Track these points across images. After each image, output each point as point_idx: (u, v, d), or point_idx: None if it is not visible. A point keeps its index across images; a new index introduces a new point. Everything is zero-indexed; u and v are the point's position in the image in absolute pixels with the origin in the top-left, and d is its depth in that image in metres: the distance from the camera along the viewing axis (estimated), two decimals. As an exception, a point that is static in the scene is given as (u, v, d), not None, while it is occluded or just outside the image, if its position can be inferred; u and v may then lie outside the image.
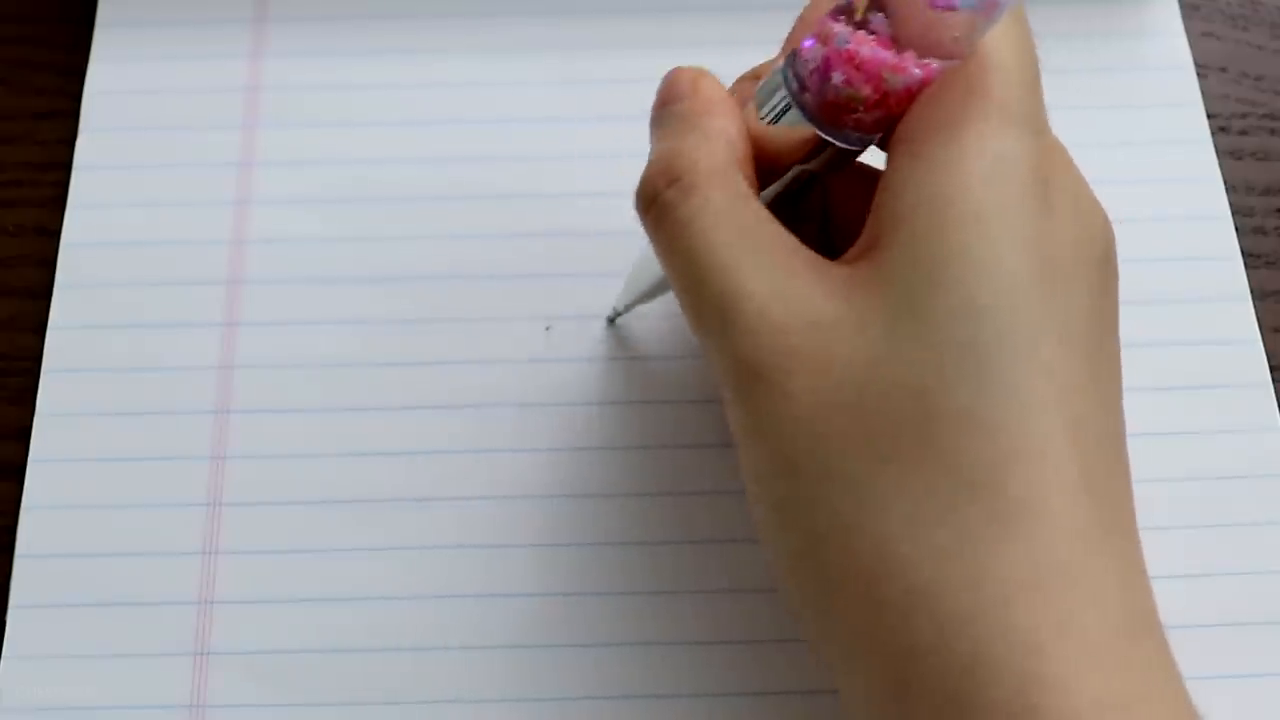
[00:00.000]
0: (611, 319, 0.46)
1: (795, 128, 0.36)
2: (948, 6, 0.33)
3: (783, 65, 0.36)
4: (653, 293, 0.43)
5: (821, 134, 0.35)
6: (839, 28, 0.34)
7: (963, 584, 0.31)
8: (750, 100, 0.37)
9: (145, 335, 0.46)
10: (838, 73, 0.34)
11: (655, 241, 0.37)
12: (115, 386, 0.45)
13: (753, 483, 0.35)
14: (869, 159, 0.37)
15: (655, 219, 0.36)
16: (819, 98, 0.35)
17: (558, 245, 0.47)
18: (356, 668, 0.41)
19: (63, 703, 0.41)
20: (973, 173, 0.33)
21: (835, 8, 0.35)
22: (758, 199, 0.36)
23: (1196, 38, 0.51)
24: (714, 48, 0.49)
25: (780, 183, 0.37)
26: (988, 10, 0.32)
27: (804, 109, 0.35)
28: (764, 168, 0.37)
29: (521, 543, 0.43)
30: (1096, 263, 0.34)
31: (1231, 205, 0.48)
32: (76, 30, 0.51)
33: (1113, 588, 0.32)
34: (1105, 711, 0.30)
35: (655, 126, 0.38)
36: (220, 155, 0.49)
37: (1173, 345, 0.45)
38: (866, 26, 0.34)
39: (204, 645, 0.42)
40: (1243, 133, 0.49)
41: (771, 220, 0.35)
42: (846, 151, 0.36)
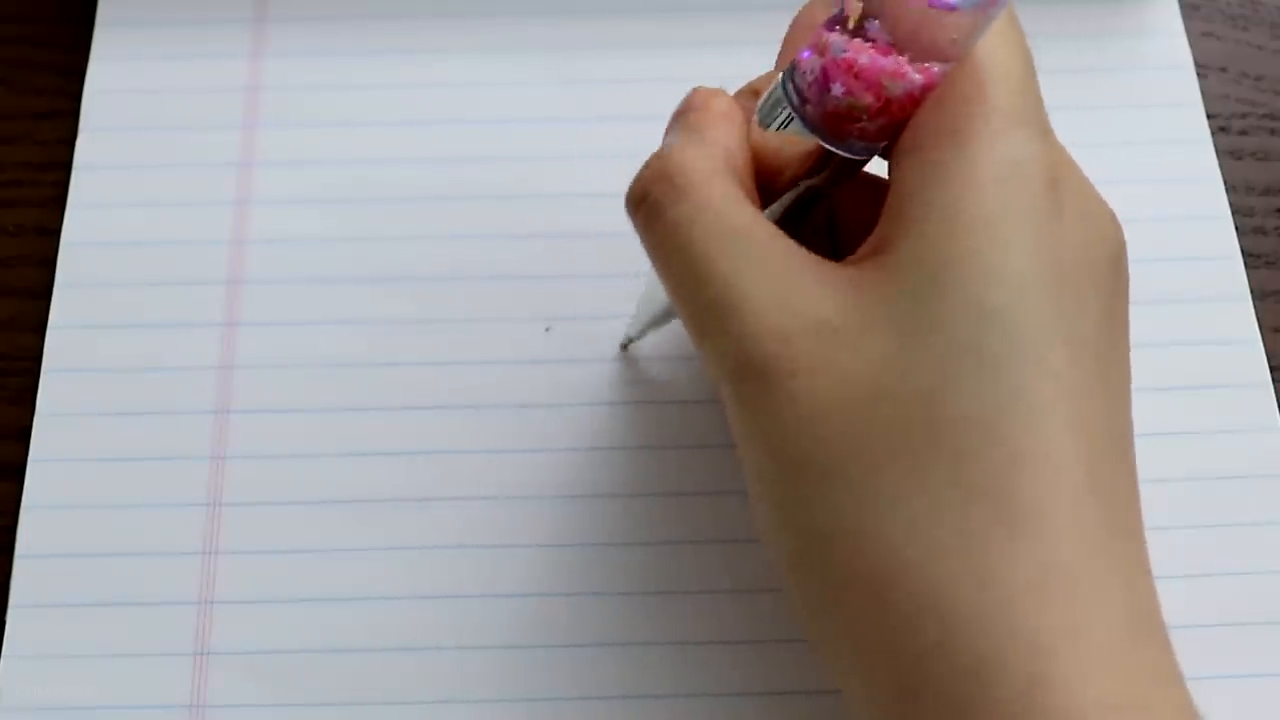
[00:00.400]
0: (624, 346, 0.46)
1: (799, 141, 0.36)
2: (946, 7, 0.32)
3: (781, 78, 0.36)
4: (664, 318, 0.43)
5: (826, 145, 0.35)
6: (834, 37, 0.34)
7: (969, 585, 0.31)
8: (753, 115, 0.37)
9: (145, 335, 0.46)
10: (837, 83, 0.34)
11: (646, 243, 0.36)
12: (115, 386, 0.45)
13: (754, 483, 0.35)
14: (873, 167, 0.37)
15: (645, 219, 0.36)
16: (820, 109, 0.35)
17: (557, 246, 0.47)
18: (356, 668, 0.41)
19: (63, 703, 0.41)
20: (983, 176, 0.33)
21: (830, 18, 0.35)
22: (753, 204, 0.35)
23: (1197, 38, 0.51)
24: (714, 48, 0.50)
25: (787, 197, 0.37)
26: (986, 8, 0.32)
27: (806, 121, 0.35)
28: (769, 184, 0.37)
29: (521, 543, 0.43)
30: (1107, 265, 0.34)
31: (1231, 205, 0.48)
32: (76, 30, 0.51)
33: (1118, 590, 0.32)
34: (1109, 712, 0.30)
35: (664, 138, 0.38)
36: (220, 155, 0.49)
37: (1173, 345, 0.45)
38: (863, 34, 0.34)
39: (204, 645, 0.42)
40: (1243, 133, 0.49)
41: (767, 223, 0.35)
42: (851, 163, 0.36)
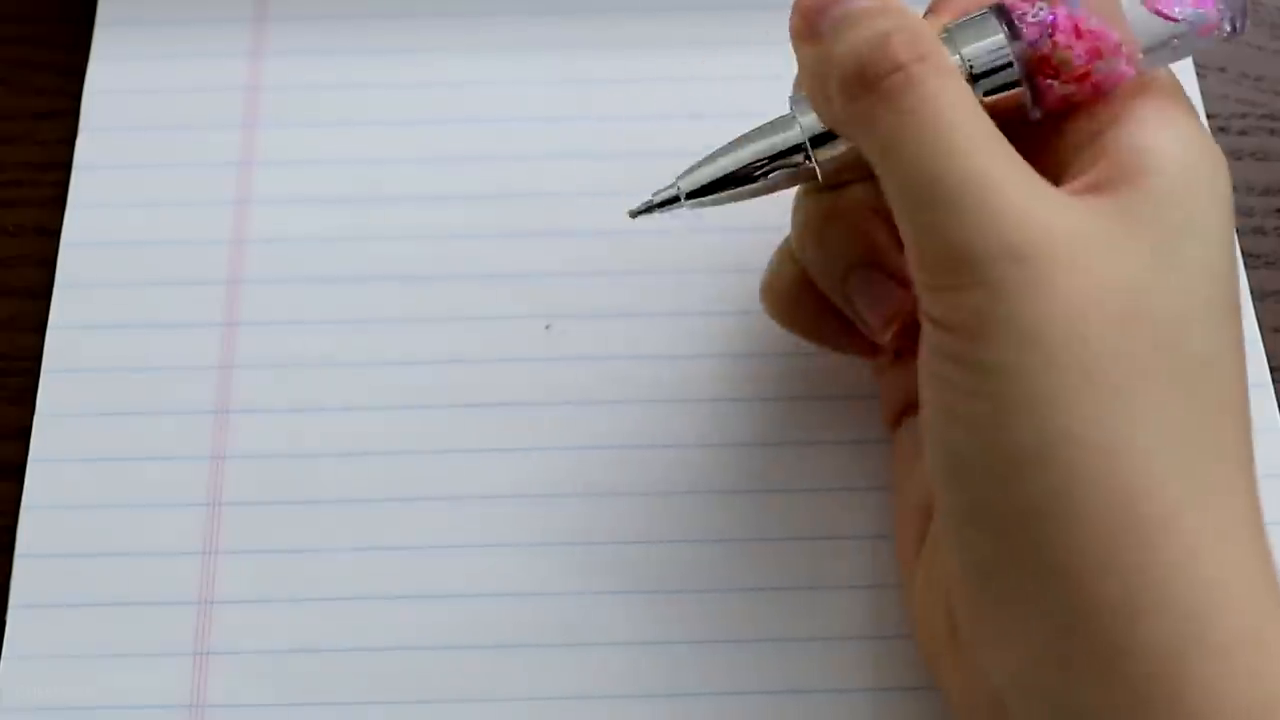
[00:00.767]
0: (672, 200, 0.40)
1: None
2: (1168, 16, 0.34)
3: (994, 7, 0.36)
4: (739, 180, 0.39)
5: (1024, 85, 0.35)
6: None
7: (1211, 507, 0.32)
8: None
9: (145, 335, 0.46)
10: (1063, 34, 0.35)
11: (886, 114, 0.34)
12: (115, 386, 0.45)
13: (983, 377, 0.33)
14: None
15: (892, 89, 0.34)
16: (1033, 50, 0.35)
17: (557, 244, 0.47)
18: (356, 667, 0.41)
19: (63, 703, 0.41)
20: (1207, 154, 0.35)
21: None
22: None
23: (1197, 38, 0.51)
24: (715, 48, 0.50)
25: None
26: (1204, 32, 0.34)
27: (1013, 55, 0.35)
28: None
29: (521, 542, 0.43)
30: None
31: (1232, 206, 0.48)
32: (77, 30, 0.51)
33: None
34: None
35: (835, 25, 0.36)
36: (220, 155, 0.49)
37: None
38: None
39: (204, 645, 0.42)
40: (1242, 133, 0.49)
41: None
42: None
